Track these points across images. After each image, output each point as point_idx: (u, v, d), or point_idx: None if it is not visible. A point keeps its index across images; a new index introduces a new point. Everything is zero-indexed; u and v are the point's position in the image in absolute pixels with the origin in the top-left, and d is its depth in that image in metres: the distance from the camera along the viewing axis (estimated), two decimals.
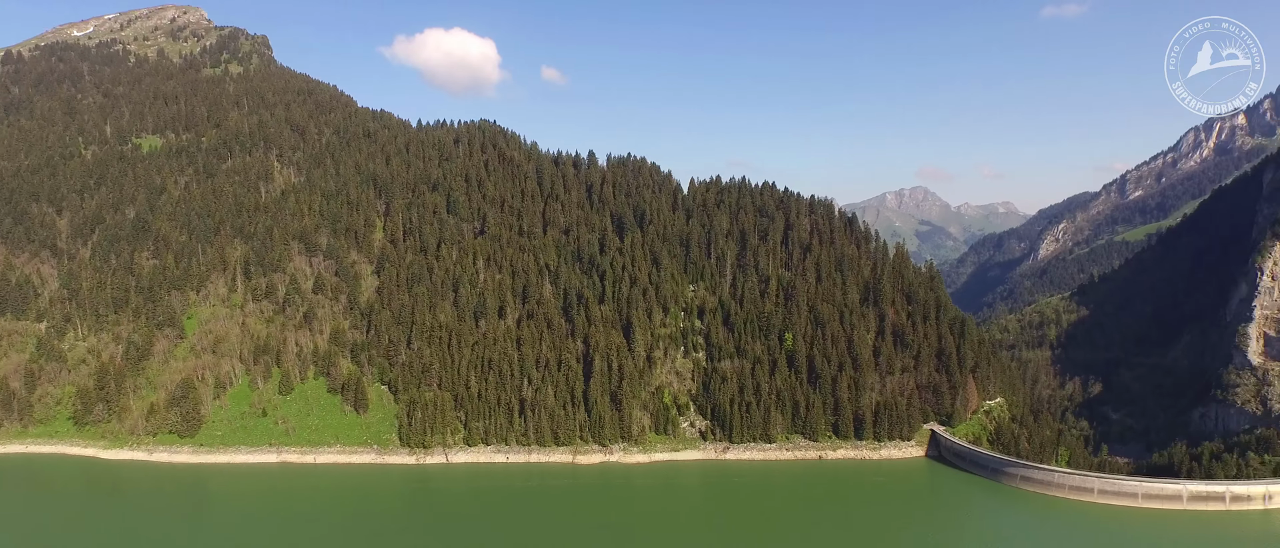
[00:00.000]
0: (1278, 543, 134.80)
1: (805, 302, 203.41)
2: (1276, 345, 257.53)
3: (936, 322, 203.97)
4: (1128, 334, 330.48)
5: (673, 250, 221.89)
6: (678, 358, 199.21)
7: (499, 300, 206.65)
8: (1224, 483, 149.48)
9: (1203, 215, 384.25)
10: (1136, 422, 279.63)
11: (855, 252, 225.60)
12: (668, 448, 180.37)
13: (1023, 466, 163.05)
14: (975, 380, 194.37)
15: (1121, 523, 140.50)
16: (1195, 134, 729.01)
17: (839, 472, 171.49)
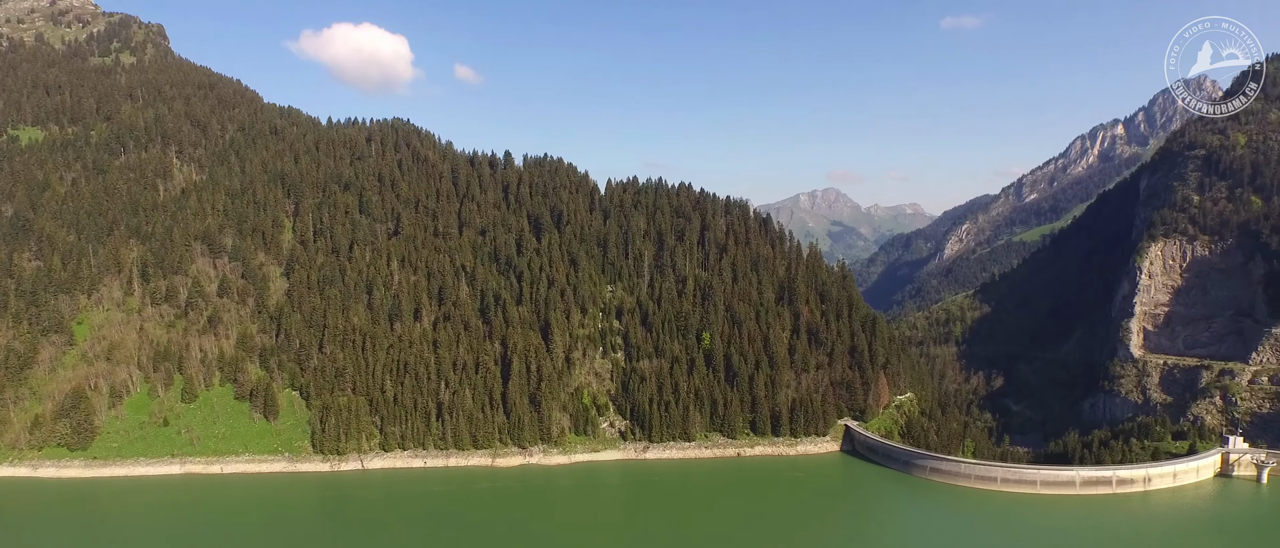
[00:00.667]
0: (1155, 521, 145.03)
1: (722, 301, 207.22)
2: (1154, 339, 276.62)
3: (849, 320, 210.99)
4: (1026, 330, 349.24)
5: (590, 251, 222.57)
6: (597, 358, 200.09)
7: (414, 302, 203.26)
8: (1111, 468, 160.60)
9: (1089, 218, 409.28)
10: (1035, 413, 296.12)
11: (770, 252, 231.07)
12: (588, 449, 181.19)
13: (932, 458, 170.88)
14: (886, 376, 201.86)
15: (1022, 509, 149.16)
16: (1082, 142, 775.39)
17: (757, 468, 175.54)
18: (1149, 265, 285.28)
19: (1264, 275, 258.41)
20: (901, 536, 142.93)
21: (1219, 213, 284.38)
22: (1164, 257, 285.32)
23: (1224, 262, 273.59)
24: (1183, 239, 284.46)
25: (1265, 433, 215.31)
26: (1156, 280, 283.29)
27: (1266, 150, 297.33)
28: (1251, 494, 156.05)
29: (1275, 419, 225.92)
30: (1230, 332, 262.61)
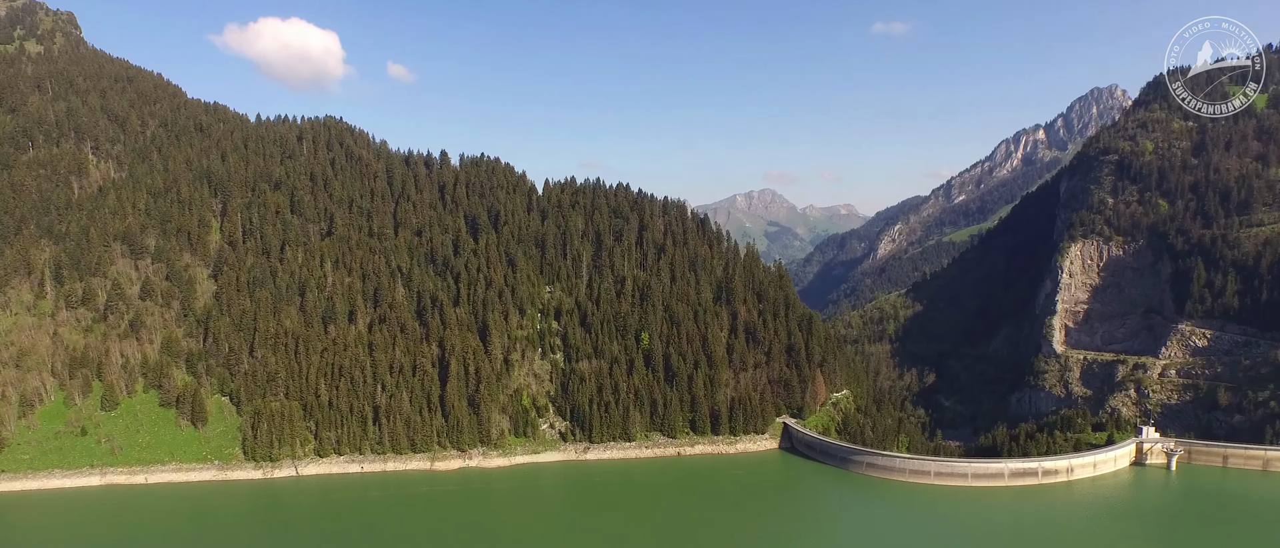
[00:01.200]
0: (1077, 509, 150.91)
1: (660, 301, 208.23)
2: (1075, 335, 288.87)
3: (786, 319, 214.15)
4: (956, 327, 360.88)
5: (528, 252, 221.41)
6: (536, 360, 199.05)
7: (349, 304, 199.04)
8: (1036, 460, 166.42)
9: (1014, 219, 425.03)
10: (966, 408, 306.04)
11: (708, 252, 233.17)
12: (528, 450, 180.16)
13: (868, 453, 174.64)
14: (823, 374, 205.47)
15: (954, 501, 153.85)
16: (1006, 146, 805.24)
17: (697, 467, 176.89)
18: (1069, 265, 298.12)
19: (1171, 275, 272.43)
20: (840, 530, 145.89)
21: (1131, 215, 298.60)
22: (1082, 257, 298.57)
23: (1136, 261, 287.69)
24: (1099, 240, 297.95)
25: (1174, 423, 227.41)
26: (1076, 279, 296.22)
27: (1171, 157, 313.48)
28: (1162, 481, 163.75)
29: (1183, 410, 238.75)
30: (1142, 328, 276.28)
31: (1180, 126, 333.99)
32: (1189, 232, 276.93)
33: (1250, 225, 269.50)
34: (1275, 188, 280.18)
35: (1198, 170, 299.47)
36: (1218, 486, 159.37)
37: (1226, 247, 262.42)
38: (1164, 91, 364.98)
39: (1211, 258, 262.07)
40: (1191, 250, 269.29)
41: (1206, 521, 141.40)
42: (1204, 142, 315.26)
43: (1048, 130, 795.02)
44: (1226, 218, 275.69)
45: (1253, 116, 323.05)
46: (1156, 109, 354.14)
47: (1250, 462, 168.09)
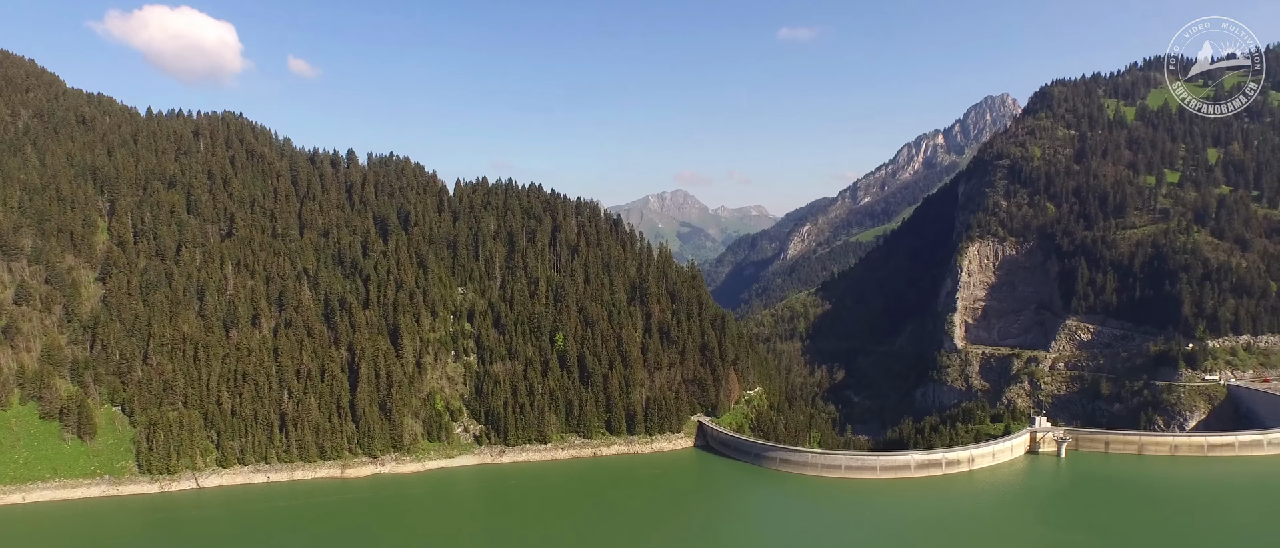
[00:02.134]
0: (978, 497, 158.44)
1: (574, 302, 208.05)
2: (974, 331, 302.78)
3: (699, 318, 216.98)
4: (864, 325, 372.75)
5: (440, 253, 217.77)
6: (448, 363, 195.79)
7: (252, 308, 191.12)
8: (940, 452, 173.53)
9: (917, 220, 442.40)
10: (874, 403, 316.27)
11: (621, 252, 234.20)
12: (442, 455, 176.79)
13: (781, 449, 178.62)
14: (736, 373, 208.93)
15: (864, 493, 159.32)
16: (908, 150, 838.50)
17: (614, 467, 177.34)
18: (968, 264, 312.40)
19: (1059, 273, 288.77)
20: (755, 526, 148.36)
21: (1022, 217, 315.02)
22: (980, 256, 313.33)
23: (1028, 261, 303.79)
24: (995, 240, 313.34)
25: (1063, 412, 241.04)
26: (974, 278, 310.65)
27: (1056, 162, 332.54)
28: (1053, 468, 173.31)
29: (1070, 400, 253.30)
30: (1034, 324, 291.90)
31: (1064, 134, 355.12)
32: (1073, 233, 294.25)
33: (1125, 227, 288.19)
34: (1145, 193, 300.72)
35: (1079, 176, 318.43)
36: (1101, 470, 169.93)
37: (1105, 247, 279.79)
38: (1050, 101, 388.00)
39: (1093, 258, 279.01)
40: (1076, 251, 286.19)
41: (1092, 503, 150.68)
42: (1084, 149, 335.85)
43: (946, 135, 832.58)
44: (1105, 220, 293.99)
45: (1124, 127, 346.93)
46: (1043, 117, 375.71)
47: (1128, 447, 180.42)
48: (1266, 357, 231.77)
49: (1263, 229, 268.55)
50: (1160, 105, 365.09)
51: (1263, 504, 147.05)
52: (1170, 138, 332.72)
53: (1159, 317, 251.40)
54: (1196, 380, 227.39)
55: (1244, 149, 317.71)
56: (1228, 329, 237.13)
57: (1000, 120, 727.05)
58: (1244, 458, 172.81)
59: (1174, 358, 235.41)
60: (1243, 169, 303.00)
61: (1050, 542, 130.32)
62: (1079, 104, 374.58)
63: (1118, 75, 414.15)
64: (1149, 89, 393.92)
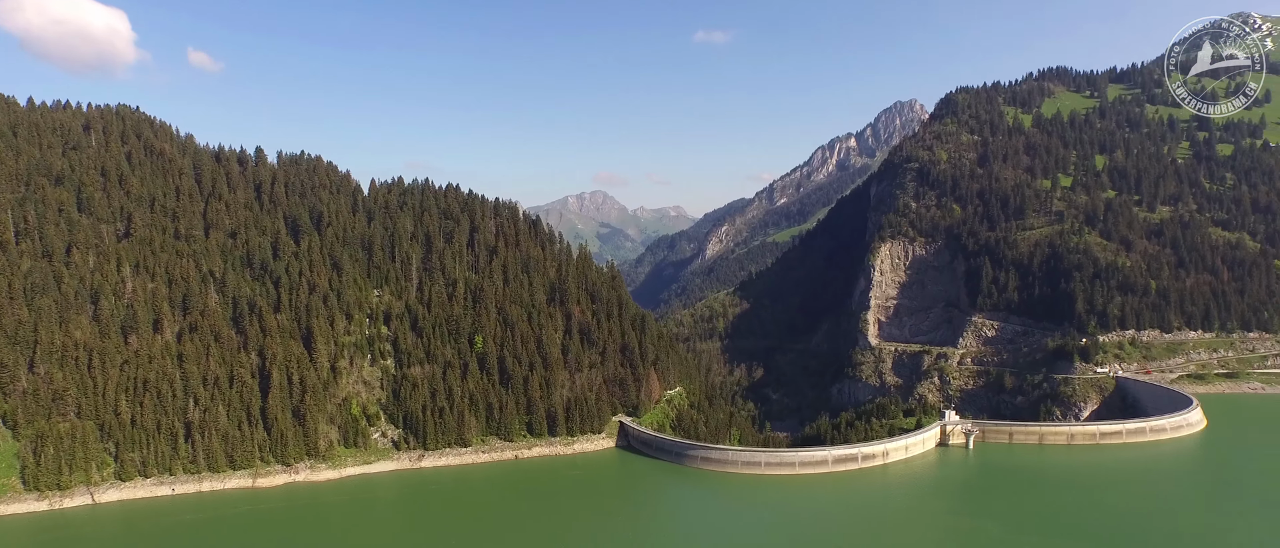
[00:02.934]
0: (892, 489, 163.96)
1: (494, 304, 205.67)
2: (887, 329, 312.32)
3: (619, 319, 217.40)
4: (781, 324, 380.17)
5: (355, 254, 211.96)
6: (365, 367, 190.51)
7: (153, 313, 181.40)
8: (856, 446, 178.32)
9: (831, 220, 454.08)
10: (791, 400, 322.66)
11: (540, 253, 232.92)
12: (359, 461, 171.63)
13: (702, 447, 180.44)
14: (657, 372, 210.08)
15: (783, 489, 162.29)
16: (822, 152, 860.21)
17: (535, 470, 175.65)
18: (880, 264, 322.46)
19: (965, 272, 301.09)
20: (676, 524, 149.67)
21: (931, 218, 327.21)
22: (891, 256, 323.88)
23: (936, 260, 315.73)
24: (905, 241, 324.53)
25: (971, 406, 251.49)
26: (886, 277, 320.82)
27: (961, 166, 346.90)
28: (962, 459, 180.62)
29: (977, 394, 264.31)
30: (943, 321, 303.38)
31: (968, 139, 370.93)
32: (978, 233, 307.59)
33: (1024, 229, 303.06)
34: (1042, 196, 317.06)
35: (983, 179, 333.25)
36: (1006, 460, 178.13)
37: (1007, 247, 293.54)
38: (955, 107, 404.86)
39: (996, 257, 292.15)
40: (980, 250, 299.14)
41: (998, 491, 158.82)
42: (987, 154, 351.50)
43: (859, 138, 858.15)
44: (1006, 222, 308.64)
45: (1021, 134, 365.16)
46: (949, 122, 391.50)
47: (1029, 437, 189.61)
48: (1148, 350, 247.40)
49: (1143, 231, 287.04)
50: (1053, 114, 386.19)
51: (1145, 487, 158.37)
52: (1063, 145, 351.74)
53: (1056, 313, 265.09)
54: (1089, 373, 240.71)
55: (1126, 157, 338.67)
56: (1115, 325, 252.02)
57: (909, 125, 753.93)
58: (1130, 444, 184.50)
59: (1069, 352, 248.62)
60: (1126, 175, 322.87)
61: (960, 530, 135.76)
62: (981, 111, 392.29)
63: (1016, 84, 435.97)
64: (1043, 98, 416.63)
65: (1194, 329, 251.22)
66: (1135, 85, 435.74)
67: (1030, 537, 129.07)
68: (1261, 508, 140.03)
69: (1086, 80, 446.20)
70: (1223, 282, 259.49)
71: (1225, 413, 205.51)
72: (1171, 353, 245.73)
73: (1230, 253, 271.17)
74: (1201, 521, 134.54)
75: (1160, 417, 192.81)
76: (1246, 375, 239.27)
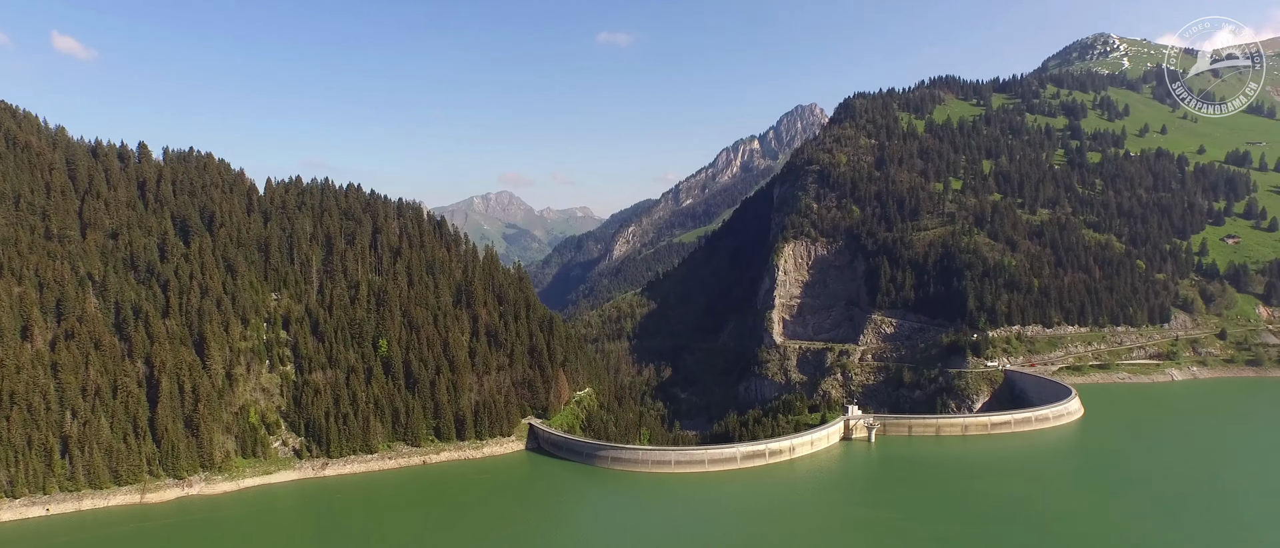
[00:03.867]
0: (799, 483, 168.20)
1: (398, 306, 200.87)
2: (791, 327, 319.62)
3: (527, 320, 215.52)
4: (688, 323, 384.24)
5: (250, 256, 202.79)
6: (263, 373, 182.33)
7: (21, 319, 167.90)
8: (764, 442, 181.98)
9: (736, 221, 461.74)
10: (700, 398, 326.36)
11: (446, 255, 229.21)
12: (259, 472, 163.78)
13: (612, 448, 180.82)
14: (566, 374, 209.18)
15: (693, 487, 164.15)
16: (726, 154, 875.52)
17: (444, 475, 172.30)
18: (784, 263, 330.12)
19: (865, 271, 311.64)
20: (587, 525, 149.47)
21: (832, 219, 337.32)
22: (794, 256, 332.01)
23: (838, 260, 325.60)
24: (807, 241, 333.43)
25: (873, 400, 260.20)
26: (790, 277, 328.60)
27: (860, 168, 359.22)
28: (865, 452, 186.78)
29: (878, 389, 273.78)
30: (845, 319, 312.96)
31: (865, 143, 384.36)
32: (876, 234, 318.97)
33: (919, 229, 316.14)
34: (935, 198, 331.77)
35: (880, 182, 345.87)
36: (905, 452, 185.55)
37: (904, 247, 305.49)
38: (853, 112, 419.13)
39: (894, 257, 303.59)
40: (879, 250, 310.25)
41: (898, 482, 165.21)
42: (883, 157, 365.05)
43: (762, 141, 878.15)
44: (903, 223, 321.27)
45: (915, 139, 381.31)
46: (848, 127, 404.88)
47: (927, 429, 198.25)
48: (1032, 344, 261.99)
49: (1026, 232, 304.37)
50: (944, 120, 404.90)
51: (1031, 473, 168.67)
52: (953, 150, 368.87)
53: (949, 310, 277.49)
54: (980, 367, 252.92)
55: (1010, 162, 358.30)
56: (1003, 321, 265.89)
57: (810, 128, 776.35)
58: (1018, 433, 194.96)
59: (962, 348, 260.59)
60: (1010, 179, 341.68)
61: (864, 520, 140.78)
62: (878, 116, 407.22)
63: (909, 91, 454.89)
64: (935, 105, 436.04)
65: (1071, 324, 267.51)
66: (1016, 95, 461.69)
67: (928, 524, 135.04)
68: (1132, 487, 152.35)
69: (973, 89, 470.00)
70: (1095, 280, 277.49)
71: (1099, 401, 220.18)
72: (1052, 347, 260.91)
73: (1101, 253, 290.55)
74: (1081, 502, 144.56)
75: (1044, 407, 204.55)
76: (1116, 367, 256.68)
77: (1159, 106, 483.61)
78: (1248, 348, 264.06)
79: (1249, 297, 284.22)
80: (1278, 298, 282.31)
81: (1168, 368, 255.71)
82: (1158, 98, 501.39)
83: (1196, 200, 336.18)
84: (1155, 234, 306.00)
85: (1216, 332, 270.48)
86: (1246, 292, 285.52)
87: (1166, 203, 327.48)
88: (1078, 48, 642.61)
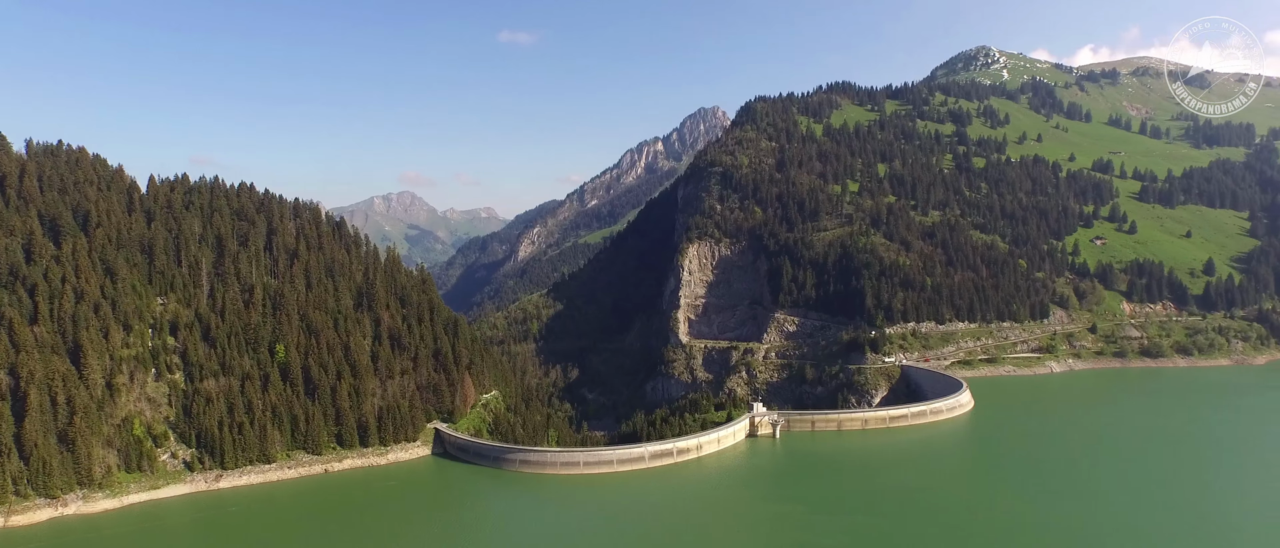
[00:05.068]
0: (706, 480, 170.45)
1: (296, 310, 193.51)
2: (697, 326, 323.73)
3: (432, 323, 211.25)
4: (595, 324, 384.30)
5: (132, 258, 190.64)
6: (149, 382, 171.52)
7: None
8: (671, 441, 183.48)
9: (641, 222, 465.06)
10: (607, 399, 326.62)
11: (346, 257, 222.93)
12: (145, 487, 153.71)
13: (520, 450, 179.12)
14: (471, 377, 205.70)
15: (602, 487, 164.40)
16: (631, 155, 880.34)
17: (347, 483, 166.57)
18: (688, 264, 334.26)
19: (767, 271, 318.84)
20: (496, 529, 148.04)
21: (735, 220, 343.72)
22: (699, 256, 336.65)
23: (741, 260, 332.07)
24: (711, 241, 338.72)
25: (777, 397, 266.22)
26: (695, 277, 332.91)
27: (761, 170, 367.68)
28: (770, 448, 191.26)
29: (782, 386, 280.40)
30: (749, 318, 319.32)
31: (766, 146, 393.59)
32: (778, 234, 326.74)
33: (819, 230, 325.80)
34: (834, 200, 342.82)
35: (781, 183, 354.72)
36: (809, 447, 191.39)
37: (804, 247, 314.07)
38: (754, 115, 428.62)
39: (795, 257, 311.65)
40: (780, 250, 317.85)
41: (803, 477, 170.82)
42: (784, 160, 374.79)
43: (666, 143, 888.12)
44: (803, 223, 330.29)
45: (814, 142, 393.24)
46: (749, 129, 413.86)
47: (829, 425, 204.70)
48: (926, 340, 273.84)
49: (919, 232, 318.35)
50: (841, 124, 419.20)
51: (927, 463, 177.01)
52: (850, 153, 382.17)
53: (849, 308, 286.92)
54: (878, 363, 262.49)
55: (903, 166, 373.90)
56: (899, 318, 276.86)
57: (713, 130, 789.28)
58: (915, 426, 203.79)
59: (861, 344, 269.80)
60: (903, 182, 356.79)
61: (773, 516, 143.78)
62: (778, 119, 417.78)
63: (808, 96, 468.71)
64: (832, 110, 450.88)
65: (962, 320, 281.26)
66: (908, 102, 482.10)
67: (834, 516, 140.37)
68: (1018, 474, 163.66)
69: (868, 95, 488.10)
70: (982, 278, 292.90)
71: (988, 393, 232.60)
72: (945, 342, 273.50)
73: (987, 253, 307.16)
74: (974, 489, 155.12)
75: (938, 400, 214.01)
76: (1002, 360, 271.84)
77: (1034, 115, 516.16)
78: (1114, 341, 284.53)
79: (1115, 294, 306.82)
80: (1139, 295, 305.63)
81: (1047, 361, 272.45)
82: (1033, 107, 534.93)
83: (1069, 204, 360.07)
84: (1035, 235, 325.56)
85: (1088, 327, 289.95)
86: (1113, 289, 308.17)
87: (1044, 206, 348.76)
88: (963, 59, 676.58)
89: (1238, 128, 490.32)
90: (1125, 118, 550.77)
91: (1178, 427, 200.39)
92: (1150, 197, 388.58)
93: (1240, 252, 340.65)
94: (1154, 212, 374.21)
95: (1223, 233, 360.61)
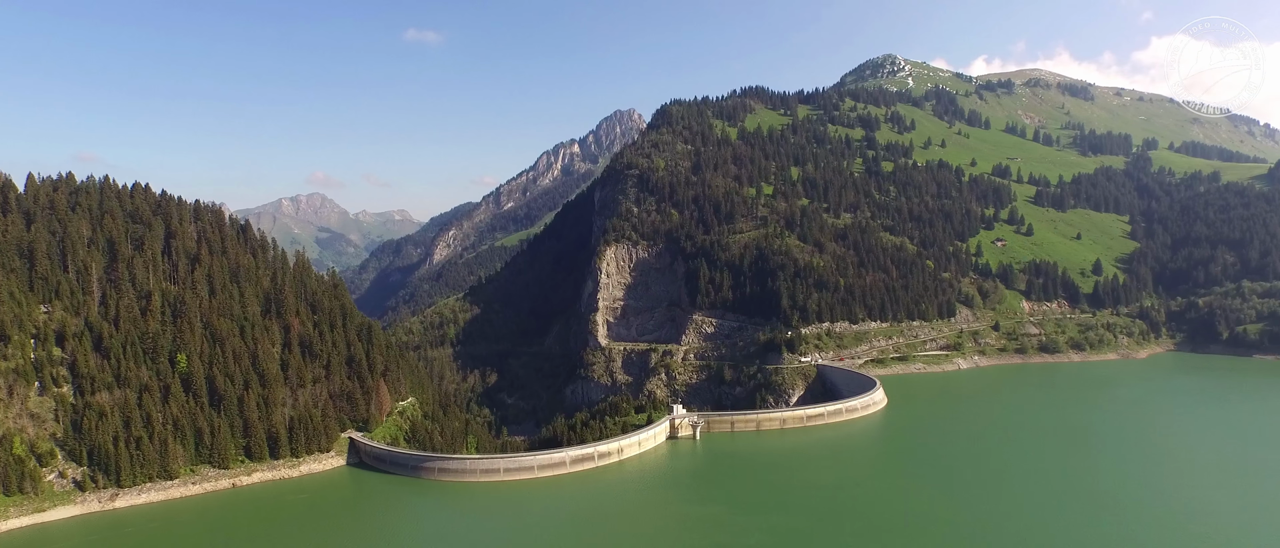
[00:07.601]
0: (628, 484, 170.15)
1: (198, 318, 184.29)
2: (616, 329, 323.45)
3: (344, 329, 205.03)
4: (513, 328, 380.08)
5: (10, 263, 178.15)
6: (31, 396, 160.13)
7: None
8: (593, 445, 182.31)
9: (558, 224, 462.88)
10: (527, 403, 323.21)
11: (252, 261, 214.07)
12: (29, 509, 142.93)
13: (438, 458, 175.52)
14: (387, 383, 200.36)
15: (523, 493, 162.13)
16: (547, 157, 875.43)
17: (257, 497, 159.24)
18: (606, 266, 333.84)
19: (685, 273, 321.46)
20: (414, 540, 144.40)
21: (652, 223, 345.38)
22: (617, 258, 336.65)
23: (659, 262, 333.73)
24: (629, 244, 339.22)
25: (696, 399, 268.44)
26: (613, 279, 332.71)
27: (677, 173, 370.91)
28: (691, 449, 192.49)
29: (701, 387, 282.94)
30: (667, 320, 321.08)
31: (682, 148, 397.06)
32: (695, 237, 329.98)
33: (735, 232, 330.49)
34: (749, 203, 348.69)
35: (697, 186, 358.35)
36: (729, 447, 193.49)
37: (721, 250, 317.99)
38: (670, 118, 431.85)
39: (712, 259, 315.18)
40: (697, 253, 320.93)
41: (724, 477, 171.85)
42: (700, 163, 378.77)
43: (582, 145, 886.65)
44: (719, 226, 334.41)
45: (729, 145, 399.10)
46: (665, 132, 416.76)
47: (748, 425, 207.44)
48: (841, 339, 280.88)
49: (832, 234, 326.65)
50: (755, 128, 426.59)
51: (844, 460, 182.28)
52: (764, 156, 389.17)
53: (765, 309, 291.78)
54: (795, 363, 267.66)
55: (815, 169, 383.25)
56: (814, 318, 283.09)
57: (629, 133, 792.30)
58: (831, 424, 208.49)
59: (778, 345, 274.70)
60: (816, 185, 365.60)
61: (695, 517, 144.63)
62: (693, 122, 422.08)
63: (722, 100, 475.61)
64: (746, 114, 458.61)
65: (874, 320, 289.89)
66: (820, 107, 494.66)
67: (756, 516, 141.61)
68: (928, 468, 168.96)
69: (781, 100, 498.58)
70: (893, 279, 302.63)
71: (900, 391, 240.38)
72: (858, 341, 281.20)
73: (897, 254, 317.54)
74: (888, 484, 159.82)
75: (853, 399, 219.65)
76: (913, 358, 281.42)
77: (938, 122, 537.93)
78: (1015, 338, 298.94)
79: (1015, 293, 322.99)
80: (1036, 294, 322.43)
81: (955, 358, 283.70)
82: (937, 114, 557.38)
83: (971, 207, 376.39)
84: (941, 237, 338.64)
85: (991, 324, 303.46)
86: (1013, 289, 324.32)
87: (949, 209, 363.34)
88: (870, 66, 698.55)
89: (1117, 137, 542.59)
90: (1021, 126, 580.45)
91: (1074, 419, 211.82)
92: (1044, 200, 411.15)
93: (1124, 253, 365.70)
94: (1048, 215, 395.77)
95: (1108, 235, 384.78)
